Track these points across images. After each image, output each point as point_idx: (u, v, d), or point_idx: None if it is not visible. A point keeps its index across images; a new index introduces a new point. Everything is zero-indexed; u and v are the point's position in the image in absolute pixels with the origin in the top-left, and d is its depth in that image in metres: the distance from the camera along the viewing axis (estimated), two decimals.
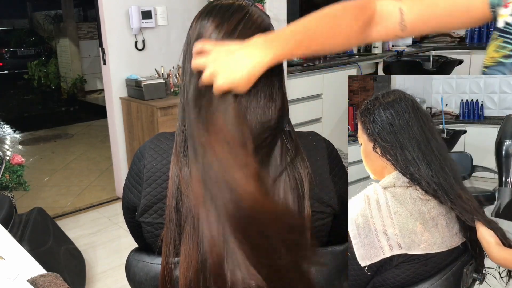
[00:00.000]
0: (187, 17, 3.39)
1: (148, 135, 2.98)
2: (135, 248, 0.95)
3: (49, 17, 9.13)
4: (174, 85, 3.19)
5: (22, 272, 0.99)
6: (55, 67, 8.17)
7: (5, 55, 9.58)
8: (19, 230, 1.99)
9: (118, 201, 3.38)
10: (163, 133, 0.91)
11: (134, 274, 0.89)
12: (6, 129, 6.21)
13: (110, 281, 2.40)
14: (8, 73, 9.44)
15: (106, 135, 3.54)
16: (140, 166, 0.87)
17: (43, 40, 9.47)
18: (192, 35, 0.80)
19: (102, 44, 3.11)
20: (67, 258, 2.21)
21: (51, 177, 4.00)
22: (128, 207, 0.91)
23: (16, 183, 2.69)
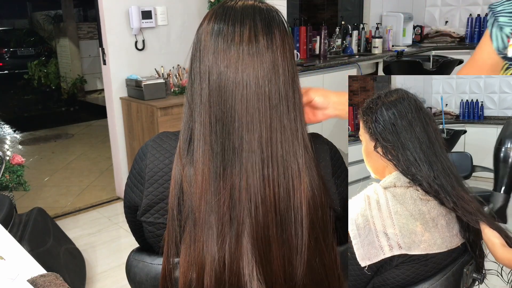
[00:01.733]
0: (187, 17, 3.39)
1: (148, 135, 2.98)
2: (136, 248, 0.94)
3: (49, 17, 9.13)
4: (174, 85, 3.19)
5: (22, 272, 0.99)
6: (55, 67, 8.17)
7: (5, 55, 9.57)
8: (19, 230, 1.99)
9: (118, 201, 3.38)
10: (165, 132, 0.90)
11: (134, 275, 0.89)
12: (6, 129, 6.20)
13: (110, 281, 2.40)
14: (8, 73, 9.43)
15: (106, 135, 3.54)
16: (142, 165, 0.87)
17: (43, 40, 9.46)
18: (205, 37, 0.78)
19: (102, 44, 3.11)
20: (67, 258, 2.21)
21: (51, 177, 4.00)
22: (129, 207, 0.91)
23: (16, 183, 2.69)
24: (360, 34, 4.45)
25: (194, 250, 0.77)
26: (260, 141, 0.75)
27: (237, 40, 0.75)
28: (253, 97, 0.75)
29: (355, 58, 4.09)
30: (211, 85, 0.76)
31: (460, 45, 4.78)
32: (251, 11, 0.78)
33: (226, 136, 0.76)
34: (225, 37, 0.76)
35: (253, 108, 0.75)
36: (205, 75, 0.77)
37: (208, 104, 0.76)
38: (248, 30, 0.76)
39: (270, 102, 0.76)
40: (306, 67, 3.52)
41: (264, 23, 0.77)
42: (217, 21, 0.78)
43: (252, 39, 0.75)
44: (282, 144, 0.77)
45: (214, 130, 0.76)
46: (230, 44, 0.75)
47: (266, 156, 0.75)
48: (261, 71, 0.75)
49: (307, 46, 4.03)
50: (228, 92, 0.75)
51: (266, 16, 0.79)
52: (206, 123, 0.77)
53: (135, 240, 0.97)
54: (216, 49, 0.76)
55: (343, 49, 4.38)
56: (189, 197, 0.78)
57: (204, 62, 0.77)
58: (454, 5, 5.08)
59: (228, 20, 0.77)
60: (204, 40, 0.78)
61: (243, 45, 0.75)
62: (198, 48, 0.79)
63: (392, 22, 4.69)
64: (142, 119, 3.01)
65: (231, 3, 0.80)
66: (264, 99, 0.75)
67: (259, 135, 0.75)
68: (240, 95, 0.75)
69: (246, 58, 0.75)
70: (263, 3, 0.82)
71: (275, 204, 0.76)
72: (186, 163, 0.79)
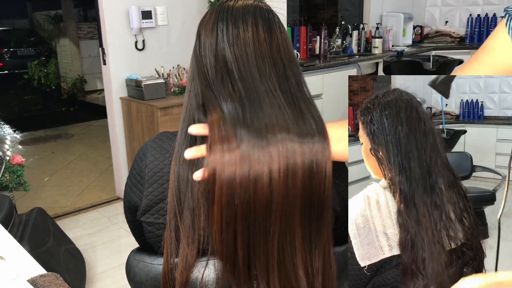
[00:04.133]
0: (187, 17, 3.39)
1: (148, 135, 2.98)
2: (136, 248, 0.95)
3: (49, 17, 9.12)
4: (174, 85, 3.19)
5: (22, 272, 0.99)
6: (55, 67, 8.16)
7: (5, 55, 9.57)
8: (19, 230, 1.99)
9: (118, 201, 3.38)
10: (165, 132, 0.90)
11: (134, 275, 0.89)
12: (6, 129, 6.20)
13: (110, 281, 2.40)
14: (8, 73, 9.43)
15: (106, 135, 3.54)
16: (141, 165, 0.87)
17: (43, 40, 9.46)
18: (211, 42, 0.77)
19: (102, 44, 3.11)
20: (67, 258, 2.21)
21: (51, 177, 4.01)
22: (129, 207, 0.91)
23: (16, 183, 2.69)
24: (360, 34, 4.46)
25: (191, 248, 0.77)
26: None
27: (240, 27, 0.76)
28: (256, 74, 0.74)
29: (355, 58, 4.09)
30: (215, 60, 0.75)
31: (460, 45, 4.78)
32: (252, 9, 0.78)
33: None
34: (227, 27, 0.76)
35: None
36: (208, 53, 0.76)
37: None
38: (250, 26, 0.76)
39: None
40: (306, 67, 3.52)
41: (265, 21, 0.78)
42: (217, 17, 0.78)
43: (254, 31, 0.76)
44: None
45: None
46: (232, 29, 0.76)
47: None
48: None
49: (307, 46, 4.03)
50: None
51: (266, 16, 0.79)
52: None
53: (135, 240, 0.97)
54: (218, 33, 0.76)
55: (343, 49, 4.38)
56: (186, 196, 0.78)
57: (205, 45, 0.77)
58: (454, 5, 5.08)
59: (230, 17, 0.77)
60: (205, 31, 0.78)
61: (247, 31, 0.75)
62: (198, 38, 0.79)
63: (392, 22, 4.69)
64: (142, 119, 3.02)
65: (231, 3, 0.80)
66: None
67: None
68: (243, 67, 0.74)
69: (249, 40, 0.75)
70: (263, 2, 0.83)
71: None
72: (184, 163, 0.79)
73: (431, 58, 3.96)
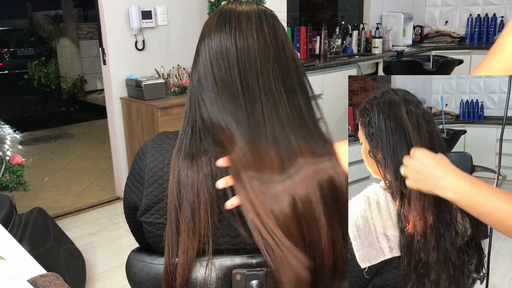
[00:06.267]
0: (187, 17, 3.39)
1: (148, 135, 2.98)
2: (136, 248, 0.94)
3: (49, 17, 9.12)
4: (174, 85, 3.19)
5: (22, 272, 0.99)
6: (55, 67, 8.16)
7: (5, 55, 9.56)
8: (19, 230, 1.99)
9: (118, 201, 3.38)
10: (165, 132, 0.90)
11: (134, 274, 0.89)
12: (6, 129, 6.20)
13: (110, 281, 2.40)
14: (8, 73, 9.43)
15: (106, 135, 3.54)
16: (141, 165, 0.87)
17: (43, 40, 9.45)
18: (215, 47, 0.78)
19: (102, 44, 3.11)
20: (67, 258, 2.21)
21: (51, 177, 4.00)
22: (129, 207, 0.91)
23: (16, 183, 2.69)
24: (360, 34, 4.45)
25: (190, 247, 0.77)
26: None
27: (244, 26, 0.77)
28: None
29: (355, 58, 4.09)
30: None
31: (460, 45, 4.78)
32: (256, 11, 0.79)
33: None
34: (231, 26, 0.78)
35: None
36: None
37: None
38: (255, 24, 0.77)
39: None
40: (306, 67, 3.52)
41: (269, 23, 0.79)
42: (222, 18, 0.79)
43: (258, 29, 0.77)
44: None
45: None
46: (236, 29, 0.77)
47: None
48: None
49: (307, 46, 4.03)
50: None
51: (270, 19, 0.80)
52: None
53: (135, 240, 0.97)
54: (221, 33, 0.78)
55: (343, 49, 4.38)
56: (187, 194, 0.78)
57: (209, 45, 0.78)
58: (454, 5, 5.08)
59: (234, 17, 0.78)
60: (208, 32, 0.79)
61: (251, 31, 0.77)
62: (202, 39, 0.80)
63: (392, 22, 4.69)
64: (142, 119, 3.01)
65: (234, 6, 0.80)
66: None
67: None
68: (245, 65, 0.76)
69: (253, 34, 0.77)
70: (263, 6, 0.83)
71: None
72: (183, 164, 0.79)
73: (431, 58, 3.96)
